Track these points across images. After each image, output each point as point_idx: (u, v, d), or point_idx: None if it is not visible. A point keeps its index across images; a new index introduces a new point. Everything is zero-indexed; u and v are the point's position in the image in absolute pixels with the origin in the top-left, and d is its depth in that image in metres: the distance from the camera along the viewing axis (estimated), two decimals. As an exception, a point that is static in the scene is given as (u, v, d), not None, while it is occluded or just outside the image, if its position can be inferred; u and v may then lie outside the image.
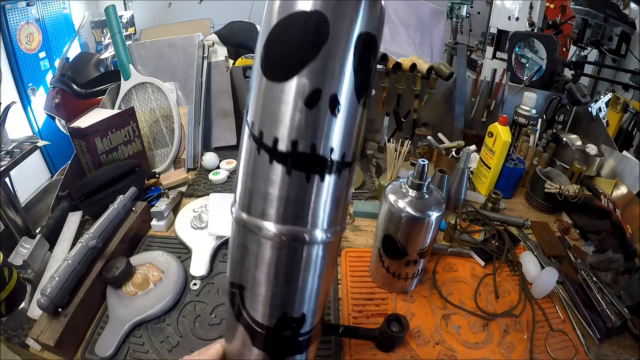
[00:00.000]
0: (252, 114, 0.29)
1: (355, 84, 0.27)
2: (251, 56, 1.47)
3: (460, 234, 0.79)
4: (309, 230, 0.30)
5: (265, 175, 0.29)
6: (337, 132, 0.28)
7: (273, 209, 0.29)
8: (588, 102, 1.03)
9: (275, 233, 0.29)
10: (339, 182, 0.30)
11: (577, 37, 1.56)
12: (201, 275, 0.68)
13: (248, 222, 0.31)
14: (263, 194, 0.29)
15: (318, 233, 0.30)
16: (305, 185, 0.29)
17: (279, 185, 0.28)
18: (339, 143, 0.28)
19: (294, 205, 0.29)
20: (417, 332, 0.60)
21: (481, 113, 1.18)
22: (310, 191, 0.29)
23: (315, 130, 0.27)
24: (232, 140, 1.16)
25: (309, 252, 0.31)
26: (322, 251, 0.32)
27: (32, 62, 2.07)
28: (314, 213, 0.30)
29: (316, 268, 0.32)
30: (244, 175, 0.31)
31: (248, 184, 0.31)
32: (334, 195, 0.30)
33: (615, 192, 0.88)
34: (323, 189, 0.29)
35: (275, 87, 0.27)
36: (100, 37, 2.43)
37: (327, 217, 0.31)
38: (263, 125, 0.28)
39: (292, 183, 0.28)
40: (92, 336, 0.58)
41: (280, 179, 0.28)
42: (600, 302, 0.62)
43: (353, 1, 0.26)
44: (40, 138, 0.89)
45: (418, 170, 0.56)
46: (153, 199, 0.88)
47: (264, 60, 0.28)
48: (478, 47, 3.07)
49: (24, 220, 0.75)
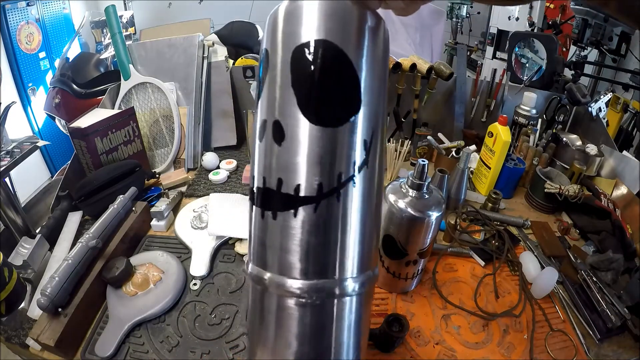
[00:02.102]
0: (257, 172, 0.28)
1: (300, 106, 0.25)
2: (251, 56, 1.47)
3: (460, 234, 0.79)
4: (338, 282, 0.26)
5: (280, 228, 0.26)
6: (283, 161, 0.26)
7: (294, 261, 0.26)
8: (588, 102, 1.03)
9: (300, 288, 0.26)
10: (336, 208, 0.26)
11: (577, 37, 1.56)
12: (201, 275, 0.68)
13: (267, 280, 0.27)
14: (281, 247, 0.26)
15: (349, 283, 0.26)
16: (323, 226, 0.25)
17: (296, 234, 0.26)
18: (293, 172, 0.25)
19: (312, 253, 0.25)
20: (417, 332, 0.60)
21: (481, 113, 1.18)
22: (330, 231, 0.26)
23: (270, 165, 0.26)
24: (232, 140, 1.16)
25: (340, 307, 0.27)
26: (356, 303, 0.27)
27: (32, 62, 2.07)
28: (340, 259, 0.26)
29: (350, 325, 0.27)
30: (254, 230, 0.28)
31: (261, 238, 0.28)
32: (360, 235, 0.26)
33: (615, 192, 0.88)
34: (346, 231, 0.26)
35: None
36: (100, 37, 2.43)
37: (356, 262, 0.27)
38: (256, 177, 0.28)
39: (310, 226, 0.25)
40: (92, 336, 0.58)
41: (295, 227, 0.25)
42: (600, 302, 0.62)
43: None
44: (40, 138, 0.88)
45: (418, 170, 0.56)
46: (153, 199, 0.88)
47: None
48: (478, 47, 3.07)
49: (24, 220, 0.75)
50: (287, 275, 0.26)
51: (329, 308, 0.27)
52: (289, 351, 0.27)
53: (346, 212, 0.26)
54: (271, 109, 0.25)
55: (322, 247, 0.25)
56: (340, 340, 0.27)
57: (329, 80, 0.25)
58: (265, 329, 0.28)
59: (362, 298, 0.28)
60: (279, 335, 0.27)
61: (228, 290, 0.67)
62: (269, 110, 0.25)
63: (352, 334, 0.28)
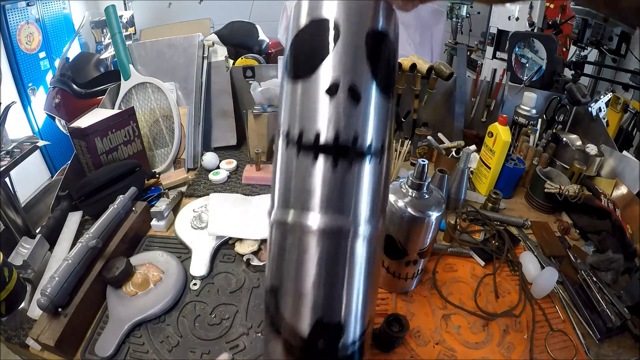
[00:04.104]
0: (279, 114, 0.31)
1: (373, 76, 0.29)
2: (251, 56, 1.47)
3: (460, 234, 0.79)
4: (352, 221, 0.29)
5: (302, 171, 0.29)
6: (358, 120, 0.29)
7: (314, 199, 0.29)
8: (588, 102, 1.03)
9: (318, 224, 0.29)
10: (373, 169, 0.30)
11: (577, 37, 1.56)
12: (201, 275, 0.68)
13: (288, 219, 0.30)
14: (302, 189, 0.29)
15: (361, 224, 0.30)
16: (341, 173, 0.29)
17: (316, 177, 0.29)
18: (364, 130, 0.29)
19: (334, 195, 0.29)
20: (417, 332, 0.60)
21: (481, 113, 1.18)
22: (348, 179, 0.29)
23: (337, 119, 0.29)
24: (232, 140, 1.16)
25: (353, 245, 0.30)
26: (366, 245, 0.30)
27: (32, 62, 2.07)
28: (355, 203, 0.29)
29: (361, 266, 0.30)
30: (281, 176, 0.31)
31: (287, 184, 0.30)
32: (371, 185, 0.30)
33: (615, 192, 0.88)
34: (354, 175, 0.29)
35: (295, 86, 0.30)
36: (100, 37, 2.43)
37: (368, 208, 0.30)
38: (289, 123, 0.30)
39: (325, 170, 0.29)
40: (92, 336, 0.58)
41: (315, 170, 0.29)
42: (600, 302, 0.62)
43: (364, 6, 0.30)
44: (40, 138, 0.89)
45: (418, 170, 0.56)
46: (153, 199, 0.88)
47: (291, 64, 0.31)
48: (478, 47, 3.07)
49: (24, 220, 0.75)
50: (308, 211, 0.29)
51: (342, 244, 0.29)
52: (307, 282, 0.29)
53: (381, 170, 0.31)
54: (347, 73, 0.29)
55: (342, 193, 0.29)
56: (352, 274, 0.30)
57: (393, 59, 0.31)
58: (287, 266, 0.30)
59: (370, 242, 0.31)
60: (298, 270, 0.30)
61: (228, 290, 0.67)
62: (345, 73, 0.29)
63: (362, 273, 0.31)
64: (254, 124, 1.07)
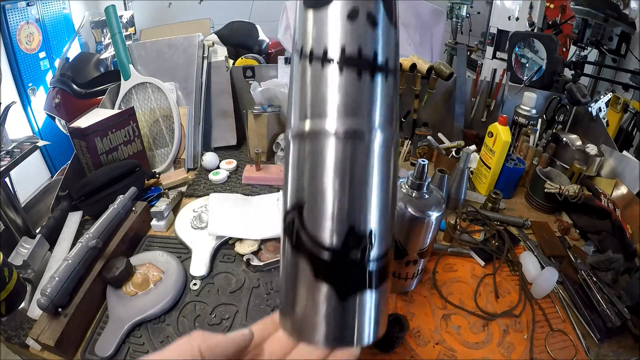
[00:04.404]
0: (300, 39, 0.32)
1: (384, 9, 0.31)
2: (251, 56, 1.47)
3: (460, 234, 0.79)
4: (367, 125, 0.30)
5: (319, 81, 0.30)
6: (378, 40, 0.30)
7: (332, 107, 0.29)
8: (588, 102, 1.03)
9: (336, 128, 0.29)
10: (387, 84, 0.31)
11: (577, 37, 1.56)
12: (201, 275, 0.68)
13: (307, 128, 0.30)
14: (319, 98, 0.30)
15: (376, 129, 0.30)
16: (358, 81, 0.30)
17: (338, 88, 0.30)
18: (381, 49, 0.30)
19: (353, 102, 0.30)
20: (417, 332, 0.60)
21: (481, 113, 1.18)
22: (363, 87, 0.30)
23: (358, 37, 0.30)
24: (232, 140, 1.16)
25: (370, 150, 0.30)
26: (382, 150, 0.30)
27: (32, 62, 2.07)
28: (369, 108, 0.30)
29: (380, 172, 0.30)
30: (297, 90, 0.32)
31: (303, 97, 0.31)
32: (384, 95, 0.31)
33: (615, 192, 0.88)
34: (374, 86, 0.30)
35: (317, 13, 0.31)
36: (100, 37, 2.43)
37: (382, 116, 0.31)
38: (313, 43, 0.31)
39: (346, 80, 0.29)
40: (92, 336, 0.58)
41: (333, 79, 0.29)
42: (600, 302, 0.62)
43: None
44: (40, 138, 0.89)
45: (418, 170, 0.56)
46: (153, 199, 0.88)
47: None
48: (478, 47, 3.07)
49: (24, 220, 0.75)
50: (323, 118, 0.29)
51: (361, 147, 0.29)
52: (330, 190, 0.29)
53: (395, 87, 0.32)
54: (364, 2, 0.30)
55: (362, 101, 0.30)
56: (360, 185, 0.30)
57: None
58: (308, 177, 0.30)
59: (388, 149, 0.31)
60: (320, 179, 0.29)
61: (228, 290, 0.67)
62: (362, 3, 0.30)
63: (382, 187, 0.31)
64: (254, 124, 1.07)
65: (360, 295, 0.29)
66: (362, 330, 0.29)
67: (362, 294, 0.29)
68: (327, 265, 0.29)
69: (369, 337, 0.29)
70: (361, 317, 0.29)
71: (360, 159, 0.30)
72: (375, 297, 0.30)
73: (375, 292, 0.30)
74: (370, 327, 0.30)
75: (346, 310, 0.29)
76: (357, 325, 0.29)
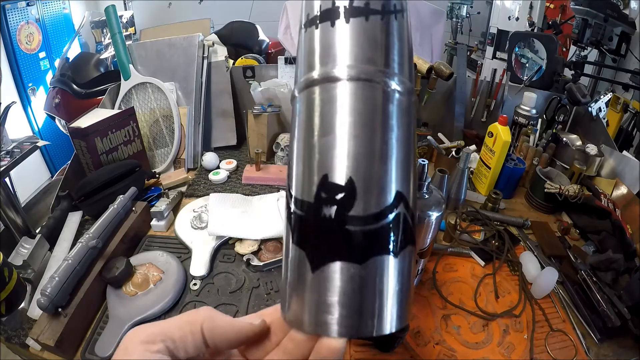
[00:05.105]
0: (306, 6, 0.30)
1: None
2: (251, 56, 1.47)
3: (460, 234, 0.79)
4: (383, 70, 0.26)
5: (329, 34, 0.27)
6: None
7: (342, 51, 0.26)
8: (588, 102, 1.03)
9: (350, 72, 0.26)
10: (402, 25, 0.28)
11: (577, 37, 1.56)
12: (201, 275, 0.68)
13: (319, 75, 0.26)
14: (330, 46, 0.27)
15: (392, 77, 0.26)
16: (367, 25, 0.27)
17: (348, 36, 0.27)
18: None
19: (365, 47, 0.26)
20: (417, 332, 0.60)
21: (481, 113, 1.18)
22: (375, 29, 0.27)
23: None
24: (232, 140, 1.16)
25: (387, 98, 0.26)
26: (401, 100, 0.27)
27: (32, 62, 2.07)
28: (384, 53, 0.27)
29: (398, 122, 0.26)
30: (304, 50, 0.29)
31: (310, 54, 0.28)
32: (399, 39, 0.28)
33: (615, 192, 0.88)
34: (389, 28, 0.28)
35: None
36: (100, 37, 2.43)
37: (397, 64, 0.27)
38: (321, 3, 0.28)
39: (359, 28, 0.27)
40: (92, 336, 0.58)
41: (343, 27, 0.27)
42: (600, 302, 0.62)
43: None
44: (40, 138, 0.89)
45: (418, 170, 0.56)
46: (153, 199, 0.88)
47: None
48: (478, 47, 3.07)
49: (24, 220, 0.75)
50: (335, 66, 0.26)
51: (377, 93, 0.26)
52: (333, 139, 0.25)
53: (407, 26, 0.30)
54: None
55: (374, 46, 0.27)
56: (387, 130, 0.26)
57: None
58: (311, 129, 0.26)
59: (403, 101, 0.27)
60: (322, 127, 0.26)
61: (228, 290, 0.67)
62: None
63: (400, 139, 0.26)
64: (254, 124, 1.07)
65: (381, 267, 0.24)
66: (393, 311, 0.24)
67: (381, 260, 0.24)
68: (339, 217, 0.24)
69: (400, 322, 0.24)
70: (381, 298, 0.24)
71: (377, 105, 0.26)
72: (400, 266, 0.25)
73: (399, 260, 0.25)
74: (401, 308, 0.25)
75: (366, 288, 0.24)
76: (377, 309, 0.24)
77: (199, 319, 0.25)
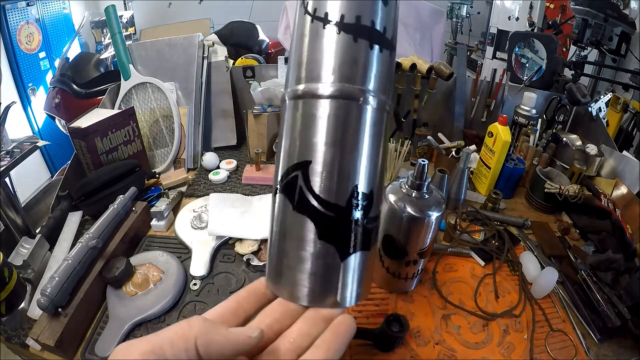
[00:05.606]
0: None
1: None
2: (251, 56, 1.47)
3: (460, 234, 0.79)
4: (361, 89, 0.30)
5: (317, 41, 0.31)
6: (378, 10, 0.31)
7: (326, 69, 0.30)
8: (588, 102, 1.03)
9: (331, 90, 0.30)
10: (383, 54, 0.31)
11: (577, 37, 1.56)
12: (201, 275, 0.68)
13: (303, 89, 0.31)
14: (316, 60, 0.31)
15: (370, 94, 0.30)
16: (354, 45, 0.30)
17: (330, 47, 0.30)
18: (380, 19, 0.31)
19: (348, 67, 0.30)
20: (417, 332, 0.60)
21: (481, 113, 1.18)
22: (359, 51, 0.30)
23: (360, 5, 0.30)
24: (232, 140, 1.16)
25: (363, 113, 0.30)
26: (375, 115, 0.31)
27: (32, 62, 2.07)
28: (363, 73, 0.31)
29: (373, 135, 0.31)
30: (296, 50, 0.32)
31: (301, 56, 0.32)
32: (380, 65, 0.31)
33: (615, 192, 0.88)
34: (370, 53, 0.31)
35: None
36: (100, 37, 2.43)
37: (376, 83, 0.31)
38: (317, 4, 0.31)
39: (343, 43, 0.30)
40: (92, 336, 0.58)
41: (332, 40, 0.30)
42: (600, 302, 0.62)
43: None
44: (40, 138, 0.89)
45: (418, 170, 0.56)
46: (153, 199, 0.88)
47: None
48: (478, 47, 3.07)
49: (24, 220, 0.75)
50: (319, 81, 0.30)
51: (353, 110, 0.30)
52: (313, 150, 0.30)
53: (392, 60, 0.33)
54: None
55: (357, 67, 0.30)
56: (359, 146, 0.30)
57: None
58: (293, 136, 0.31)
59: (378, 114, 0.31)
60: (303, 137, 0.30)
61: (228, 290, 0.67)
62: None
63: (374, 148, 0.31)
64: (254, 124, 1.07)
65: (361, 255, 0.30)
66: (360, 289, 0.30)
67: (362, 254, 0.30)
68: (333, 224, 0.29)
69: (362, 297, 0.31)
70: (360, 276, 0.30)
71: (356, 121, 0.30)
72: (368, 258, 0.31)
73: (368, 255, 0.31)
74: (365, 287, 0.31)
75: (346, 269, 0.29)
76: (355, 284, 0.30)
77: (192, 334, 0.24)
